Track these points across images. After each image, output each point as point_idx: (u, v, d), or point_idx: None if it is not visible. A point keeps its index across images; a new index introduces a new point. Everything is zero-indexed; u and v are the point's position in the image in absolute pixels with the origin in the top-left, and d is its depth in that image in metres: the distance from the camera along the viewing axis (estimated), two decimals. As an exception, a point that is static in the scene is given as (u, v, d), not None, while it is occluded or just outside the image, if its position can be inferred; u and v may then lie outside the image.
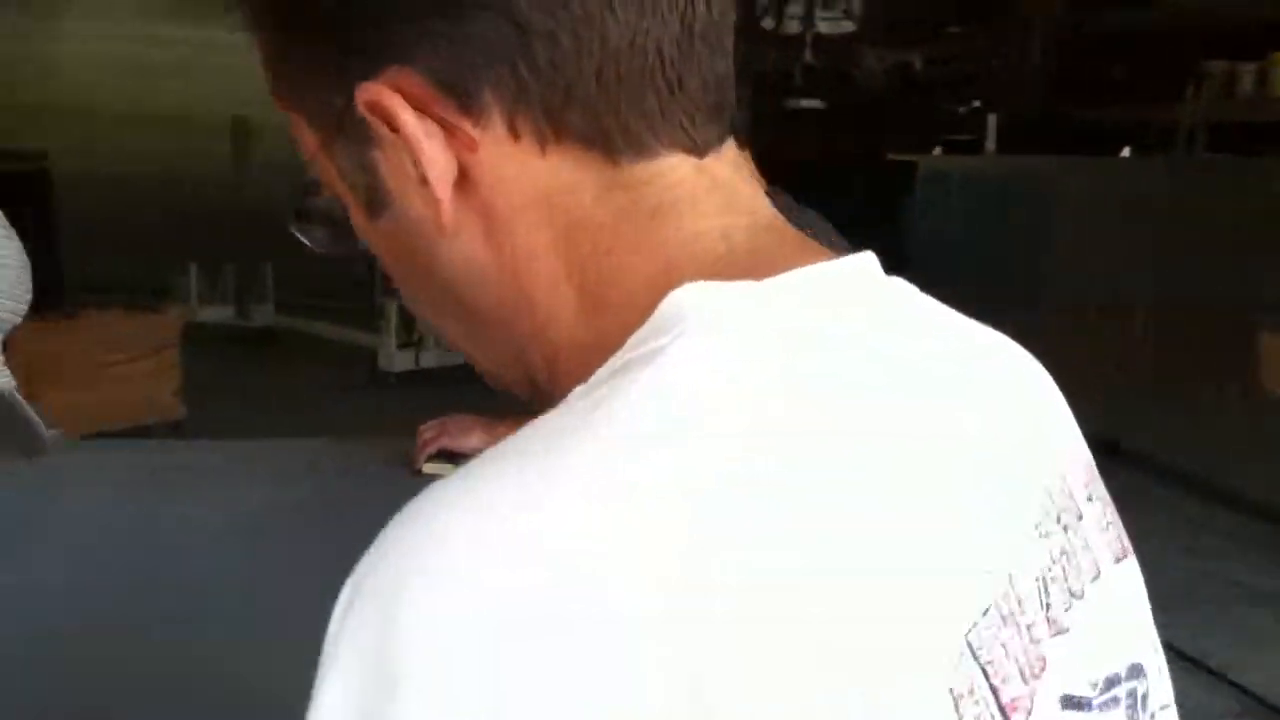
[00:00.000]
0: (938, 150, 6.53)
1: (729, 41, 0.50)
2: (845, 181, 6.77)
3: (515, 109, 0.46)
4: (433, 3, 0.45)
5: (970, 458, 0.48)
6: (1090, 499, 0.56)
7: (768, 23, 6.95)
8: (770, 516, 0.39)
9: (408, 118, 0.46)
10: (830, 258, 0.51)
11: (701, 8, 0.48)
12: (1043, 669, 0.47)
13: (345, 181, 0.52)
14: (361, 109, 0.47)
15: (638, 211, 0.49)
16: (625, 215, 0.49)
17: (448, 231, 0.49)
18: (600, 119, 0.47)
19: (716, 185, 0.51)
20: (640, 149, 0.48)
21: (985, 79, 7.03)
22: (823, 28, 7.10)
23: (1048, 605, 0.49)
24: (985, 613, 0.44)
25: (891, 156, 6.61)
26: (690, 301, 0.46)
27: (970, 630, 0.43)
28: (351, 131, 0.49)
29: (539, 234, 0.49)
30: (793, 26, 7.07)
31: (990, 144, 6.45)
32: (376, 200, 0.51)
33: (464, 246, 0.50)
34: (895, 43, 7.35)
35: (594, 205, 0.49)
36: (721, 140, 0.51)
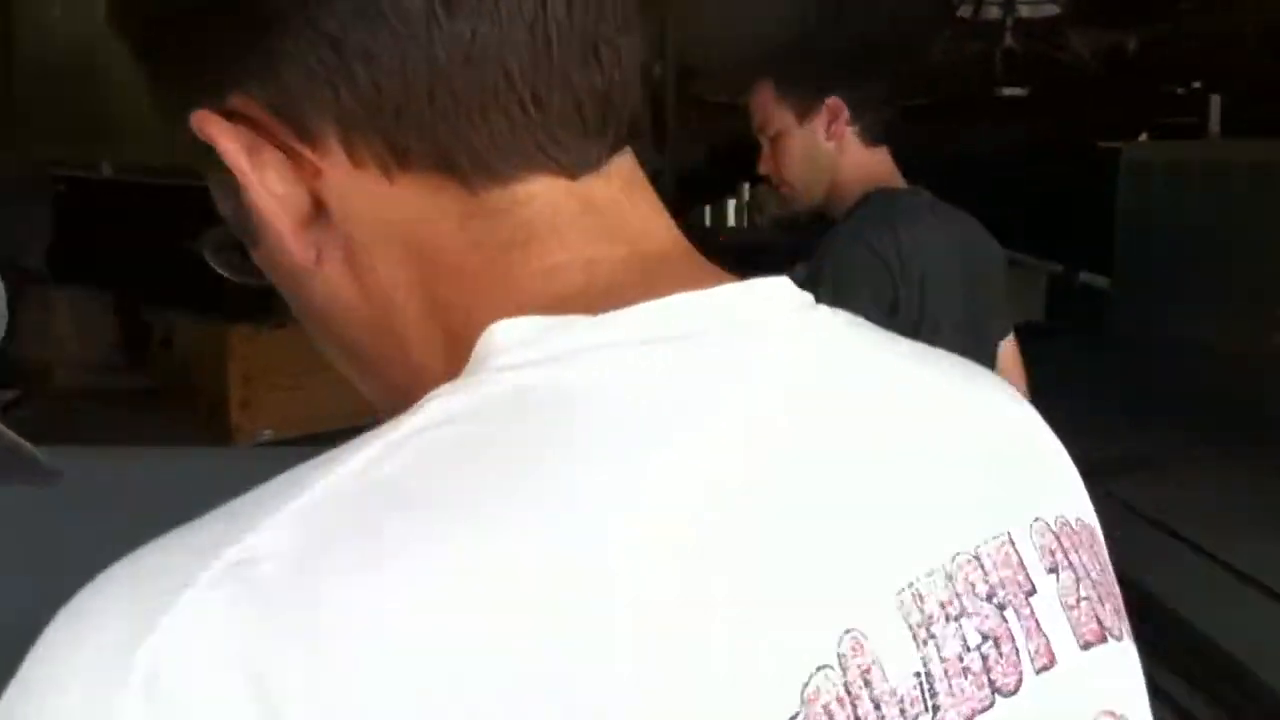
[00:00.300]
0: (1144, 136, 6.17)
1: (617, 48, 0.45)
2: (1053, 172, 6.48)
3: (348, 134, 0.43)
4: (243, 23, 0.43)
5: (823, 528, 0.41)
6: (1054, 570, 0.47)
7: (965, 10, 6.70)
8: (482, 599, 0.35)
9: (228, 144, 0.44)
10: (721, 284, 0.46)
11: (559, 13, 0.43)
12: None
13: (222, 210, 0.49)
14: (199, 135, 0.44)
15: (496, 243, 0.44)
16: (483, 247, 0.44)
17: (304, 265, 0.46)
18: (441, 143, 0.43)
19: (591, 209, 0.46)
20: (494, 174, 0.44)
21: (1206, 58, 6.58)
22: (1024, 11, 6.78)
23: (934, 707, 0.40)
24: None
25: (1102, 144, 6.28)
26: (498, 342, 0.42)
27: None
28: (212, 160, 0.46)
29: (400, 269, 0.45)
30: (992, 12, 6.79)
31: (1214, 126, 6.04)
32: (248, 231, 0.48)
33: (329, 282, 0.47)
34: (1105, 23, 6.97)
35: (451, 237, 0.44)
36: (604, 159, 0.46)
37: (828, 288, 1.85)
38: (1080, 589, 0.48)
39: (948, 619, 0.42)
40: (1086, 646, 0.47)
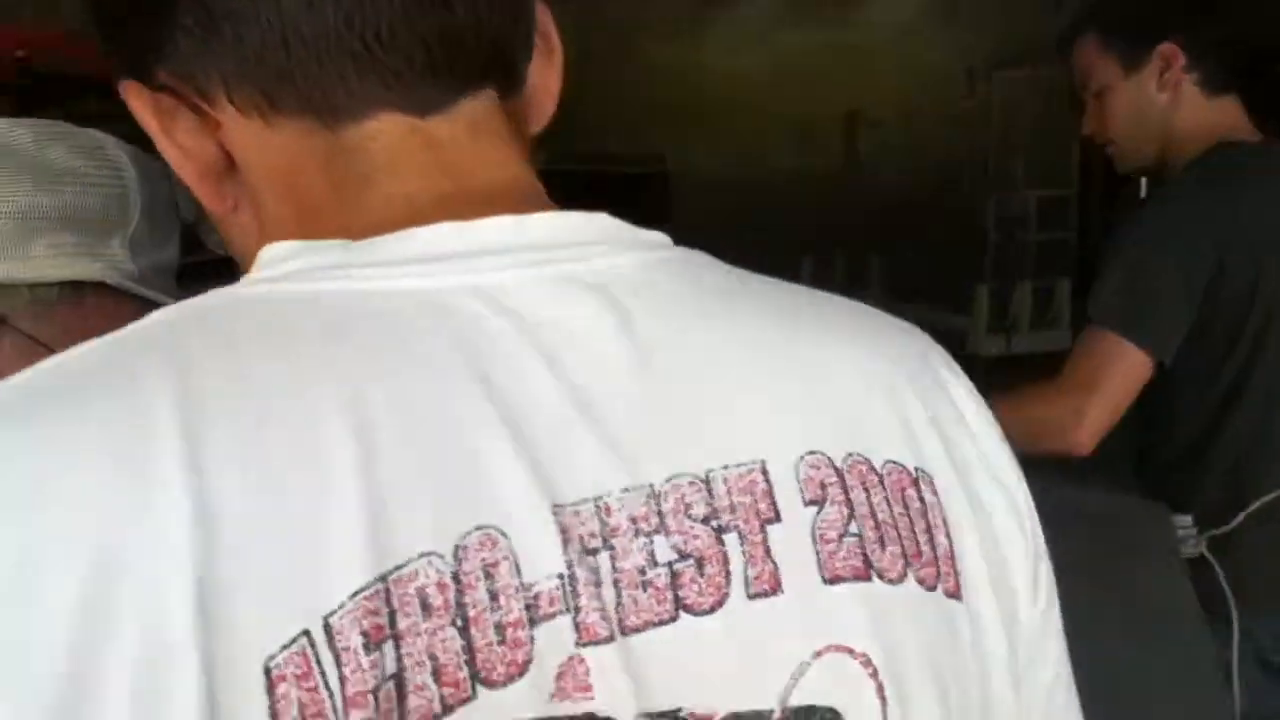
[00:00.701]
0: None
1: None
2: None
3: (230, 86, 0.48)
4: (148, 6, 0.48)
5: (517, 437, 0.43)
6: (818, 502, 0.47)
7: None
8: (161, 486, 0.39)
9: (140, 109, 0.50)
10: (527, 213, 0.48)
11: None
12: (518, 672, 0.41)
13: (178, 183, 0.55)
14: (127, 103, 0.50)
15: (348, 180, 0.48)
16: (339, 184, 0.48)
17: (222, 213, 0.52)
18: (300, 87, 0.47)
19: (431, 147, 0.49)
20: (346, 113, 0.48)
21: None
22: None
23: (576, 608, 0.42)
24: (358, 594, 0.39)
25: None
26: (257, 262, 0.47)
27: (335, 612, 0.39)
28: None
29: (285, 209, 0.50)
30: None
31: None
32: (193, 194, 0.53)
33: (243, 229, 0.52)
34: None
35: (318, 175, 0.49)
36: (451, 100, 0.49)
37: (1120, 256, 1.66)
38: (851, 525, 0.47)
39: (637, 534, 0.43)
40: (834, 580, 0.47)
